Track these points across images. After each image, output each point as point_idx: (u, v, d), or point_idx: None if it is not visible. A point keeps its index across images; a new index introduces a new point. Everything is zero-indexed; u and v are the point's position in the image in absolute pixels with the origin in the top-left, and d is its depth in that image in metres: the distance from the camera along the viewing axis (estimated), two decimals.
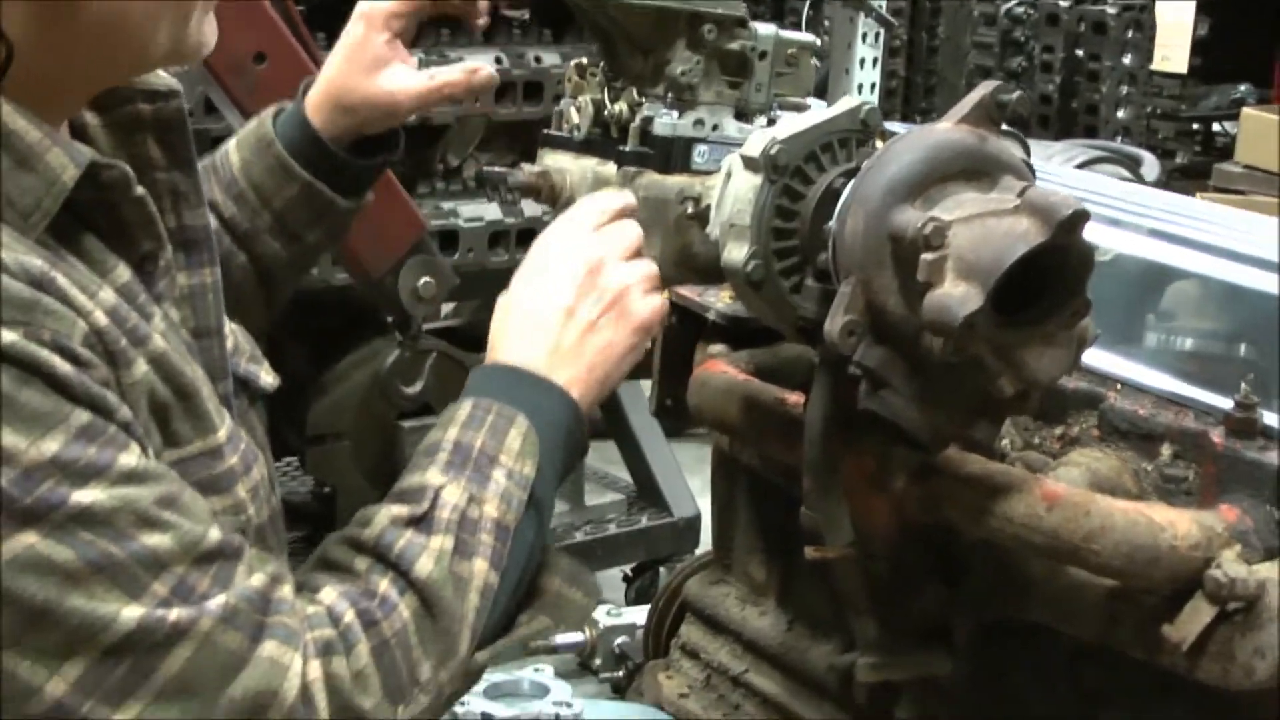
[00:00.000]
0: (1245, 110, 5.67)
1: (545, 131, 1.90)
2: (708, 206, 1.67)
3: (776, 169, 1.57)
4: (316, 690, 1.33)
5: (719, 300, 2.07)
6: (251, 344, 1.69)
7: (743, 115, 1.82)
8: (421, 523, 1.44)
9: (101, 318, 1.30)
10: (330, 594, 1.40)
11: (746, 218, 1.58)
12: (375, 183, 1.94)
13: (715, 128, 1.80)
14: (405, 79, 1.89)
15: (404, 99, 1.87)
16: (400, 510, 1.45)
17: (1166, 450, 1.60)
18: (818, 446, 1.59)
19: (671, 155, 1.79)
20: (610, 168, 1.81)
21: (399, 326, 3.07)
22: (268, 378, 1.67)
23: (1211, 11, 6.29)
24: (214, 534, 1.31)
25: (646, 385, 2.18)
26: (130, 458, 1.27)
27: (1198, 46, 6.09)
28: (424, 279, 2.95)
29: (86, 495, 1.23)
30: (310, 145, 1.85)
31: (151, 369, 1.35)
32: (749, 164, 1.59)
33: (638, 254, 1.64)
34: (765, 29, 1.82)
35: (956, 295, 1.37)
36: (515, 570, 1.49)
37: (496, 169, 1.86)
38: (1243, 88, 6.75)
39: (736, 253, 1.59)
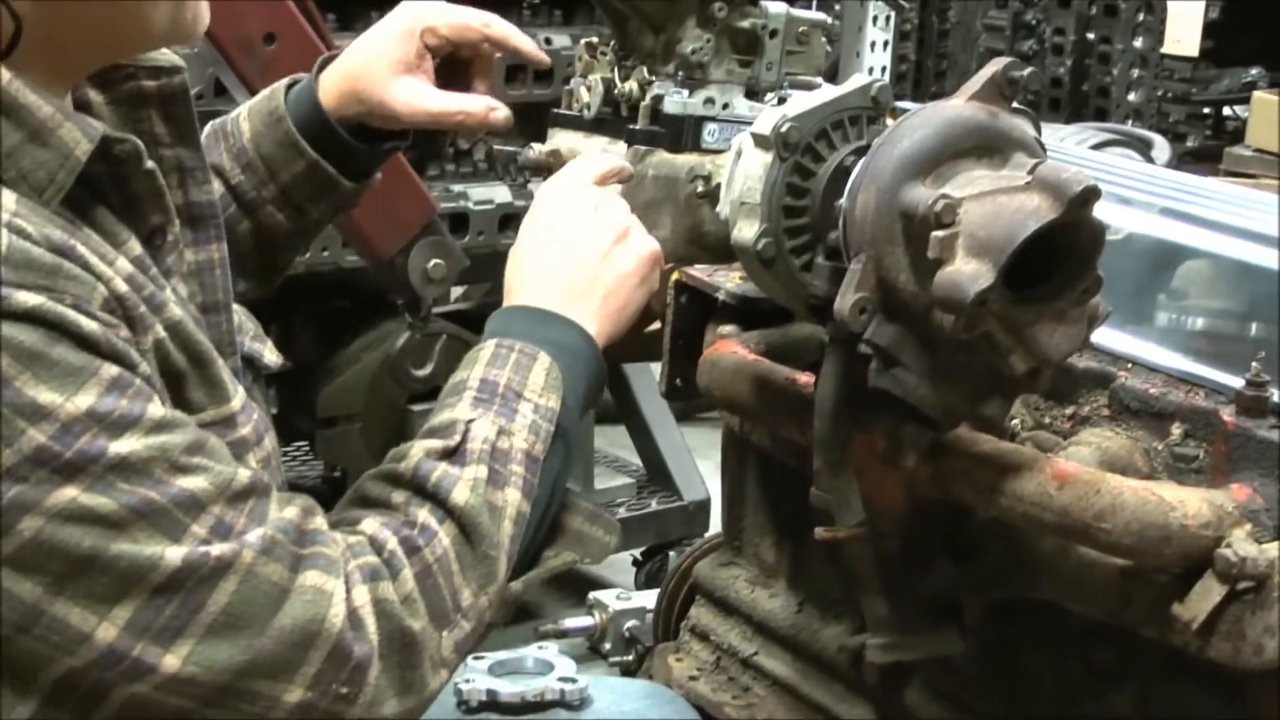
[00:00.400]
0: (1256, 94, 5.65)
1: (555, 110, 1.90)
2: (718, 185, 1.67)
3: (787, 146, 1.56)
4: (365, 614, 1.37)
5: (729, 280, 2.07)
6: (254, 323, 1.71)
7: (753, 93, 1.82)
8: (455, 455, 1.49)
9: (120, 284, 1.32)
10: (371, 525, 1.44)
11: (757, 195, 1.58)
12: (382, 165, 1.93)
13: (726, 106, 1.80)
14: (424, 95, 1.84)
15: (418, 115, 1.84)
16: (434, 444, 1.50)
17: (1177, 429, 1.60)
18: (828, 425, 1.59)
19: (682, 134, 1.79)
20: (621, 146, 1.81)
21: (409, 308, 3.07)
22: (271, 356, 1.69)
23: None
24: (244, 473, 1.35)
25: (656, 368, 2.18)
26: (158, 407, 1.30)
27: (1209, 29, 6.06)
28: (434, 261, 2.95)
29: (123, 445, 1.26)
30: (319, 125, 1.84)
31: (168, 335, 1.37)
32: (760, 142, 1.59)
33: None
34: (776, 7, 1.82)
35: (968, 272, 1.37)
36: (544, 500, 1.54)
37: (507, 148, 1.85)
38: (1254, 71, 6.72)
39: (747, 230, 1.59)
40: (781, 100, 1.76)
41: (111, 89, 1.51)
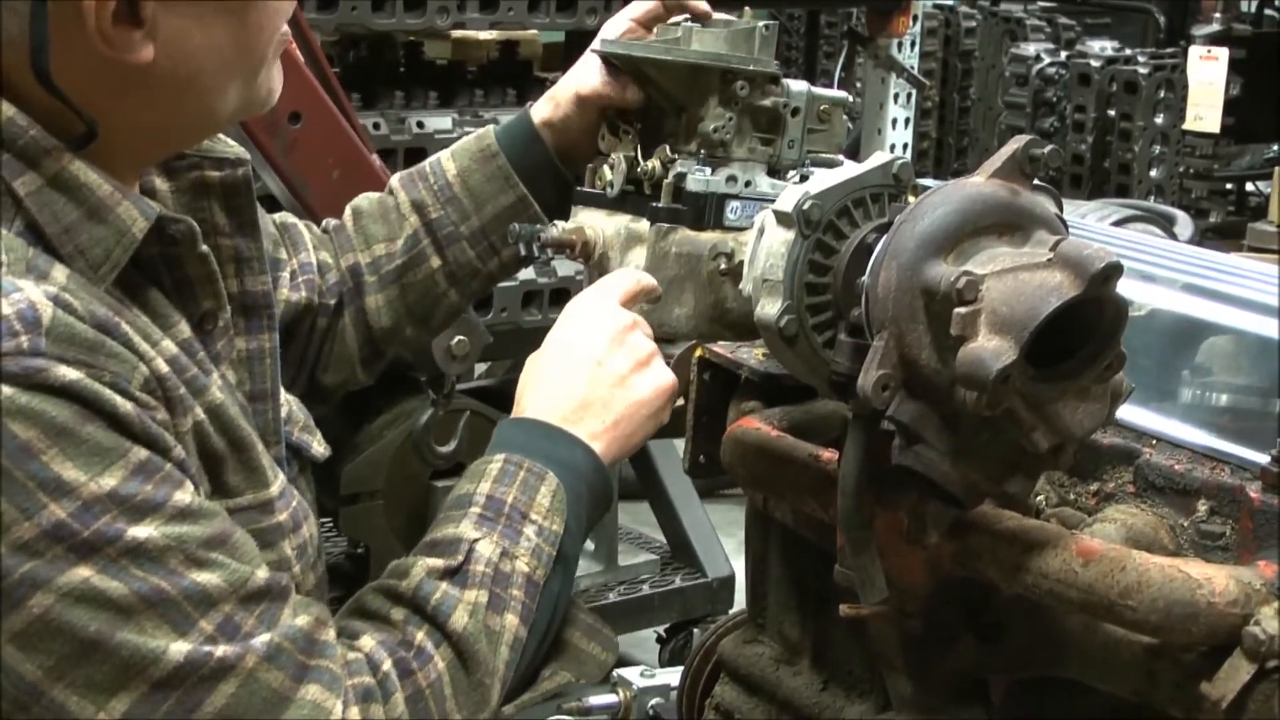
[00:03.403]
0: (1279, 170, 5.66)
1: (579, 189, 1.91)
2: (741, 262, 1.67)
3: (809, 224, 1.57)
4: None
5: (752, 357, 2.07)
6: (305, 413, 1.72)
7: (775, 171, 1.82)
8: (457, 575, 1.48)
9: (162, 365, 1.34)
10: (368, 642, 1.43)
11: (779, 273, 1.58)
12: None
13: (748, 184, 1.80)
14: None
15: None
16: (436, 563, 1.49)
17: (1203, 506, 1.59)
18: (851, 502, 1.58)
19: (704, 212, 1.79)
20: (643, 224, 1.81)
21: (432, 385, 3.08)
22: (319, 447, 1.71)
23: (1243, 71, 6.29)
24: (261, 574, 1.34)
25: (680, 444, 2.18)
26: (184, 495, 1.31)
27: (1230, 106, 6.08)
28: (458, 337, 2.96)
29: (141, 531, 1.26)
30: (535, 160, 1.92)
31: (208, 419, 1.38)
32: (782, 219, 1.59)
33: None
34: (797, 85, 1.83)
35: (990, 349, 1.37)
36: (542, 624, 1.53)
37: (529, 225, 1.86)
38: (1276, 147, 6.75)
39: (770, 308, 1.59)
40: (803, 178, 1.77)
41: (176, 177, 1.54)
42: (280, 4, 1.44)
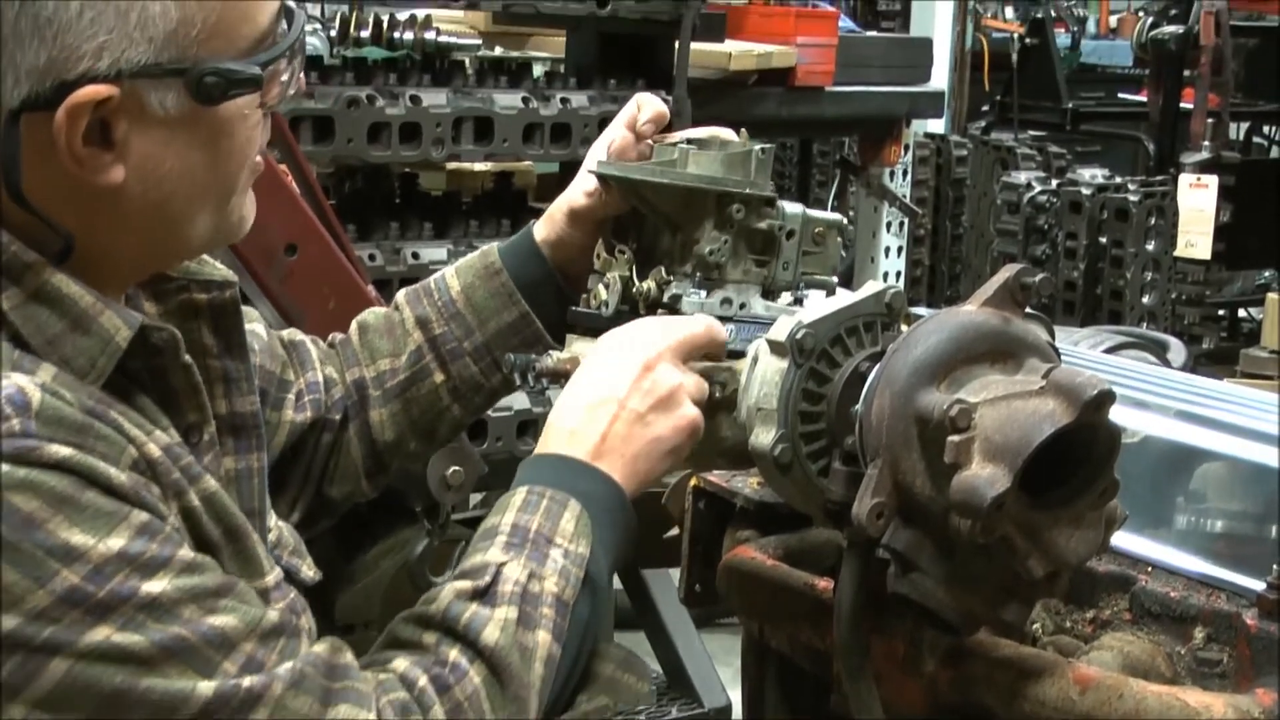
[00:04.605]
0: (1270, 295, 5.68)
1: (573, 309, 1.91)
2: (735, 391, 1.68)
3: (803, 353, 1.58)
4: None
5: (747, 486, 2.07)
6: (296, 538, 1.73)
7: (770, 293, 1.83)
8: (486, 595, 1.50)
9: (154, 449, 1.37)
10: (402, 663, 1.45)
11: (774, 401, 1.59)
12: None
13: (743, 306, 1.81)
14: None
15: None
16: (464, 585, 1.51)
17: (1200, 633, 1.59)
18: (848, 630, 1.58)
19: None
20: None
21: (427, 515, 3.06)
22: (309, 571, 1.72)
23: (1233, 197, 6.33)
24: (273, 614, 1.37)
25: (675, 573, 2.17)
26: (187, 551, 1.33)
27: (1221, 232, 6.11)
28: (453, 467, 2.95)
29: (155, 586, 1.29)
30: (537, 277, 1.93)
31: (202, 505, 1.40)
32: (775, 348, 1.60)
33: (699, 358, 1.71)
34: (792, 207, 1.84)
35: (984, 476, 1.37)
36: (574, 645, 1.54)
37: (524, 355, 1.87)
38: (1267, 273, 6.78)
39: (764, 436, 1.60)
40: (798, 300, 1.78)
41: (164, 300, 1.56)
42: (252, 133, 1.46)
